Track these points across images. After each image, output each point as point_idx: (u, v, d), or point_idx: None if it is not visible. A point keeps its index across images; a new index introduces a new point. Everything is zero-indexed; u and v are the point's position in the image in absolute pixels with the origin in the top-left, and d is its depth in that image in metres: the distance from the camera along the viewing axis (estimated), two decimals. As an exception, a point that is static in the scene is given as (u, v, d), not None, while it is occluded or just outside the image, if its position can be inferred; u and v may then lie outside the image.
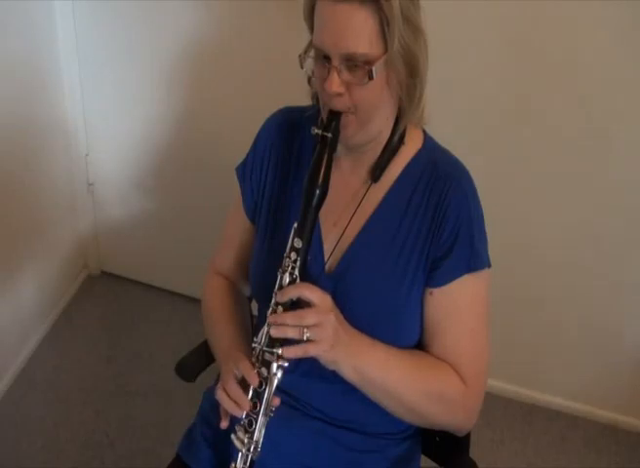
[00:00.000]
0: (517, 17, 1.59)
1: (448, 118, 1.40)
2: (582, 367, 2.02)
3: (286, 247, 0.95)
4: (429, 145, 1.07)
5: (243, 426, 0.95)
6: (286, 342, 0.91)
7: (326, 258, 1.06)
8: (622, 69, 1.59)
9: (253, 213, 1.16)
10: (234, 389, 0.94)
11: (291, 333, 0.90)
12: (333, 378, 0.97)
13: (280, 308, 0.93)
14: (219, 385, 0.98)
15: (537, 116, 1.71)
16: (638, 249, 1.81)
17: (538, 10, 1.56)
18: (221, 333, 1.15)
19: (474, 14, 1.60)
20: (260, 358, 0.95)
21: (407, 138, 1.03)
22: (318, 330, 0.90)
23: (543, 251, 1.90)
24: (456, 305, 1.02)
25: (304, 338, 0.90)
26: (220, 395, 0.96)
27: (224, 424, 0.97)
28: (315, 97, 1.05)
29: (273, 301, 0.94)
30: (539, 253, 1.90)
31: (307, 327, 0.90)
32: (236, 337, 1.12)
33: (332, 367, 0.95)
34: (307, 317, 0.90)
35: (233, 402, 0.94)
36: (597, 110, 1.66)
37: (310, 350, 0.91)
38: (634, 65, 1.57)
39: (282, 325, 0.91)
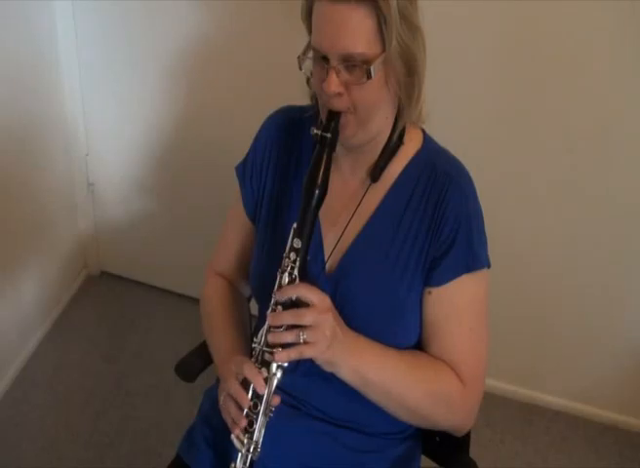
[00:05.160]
0: (517, 16, 1.59)
1: (448, 118, 1.40)
2: (582, 367, 2.02)
3: (286, 247, 0.95)
4: (429, 145, 1.07)
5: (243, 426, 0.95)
6: (285, 344, 0.91)
7: (326, 258, 1.06)
8: (623, 70, 1.59)
9: (253, 212, 1.16)
10: (237, 389, 0.94)
11: (288, 339, 0.90)
12: (333, 378, 0.97)
13: (280, 308, 0.93)
14: (223, 394, 0.98)
15: (537, 116, 1.71)
16: (638, 249, 1.81)
17: (537, 9, 1.56)
18: (221, 336, 1.15)
19: (474, 13, 1.60)
20: (259, 358, 0.94)
21: (406, 138, 1.03)
22: (315, 331, 0.90)
23: (544, 251, 1.90)
24: (454, 305, 1.02)
25: (301, 340, 0.90)
26: (227, 404, 0.96)
27: (237, 431, 0.95)
28: (314, 97, 1.05)
29: (273, 301, 0.94)
30: (539, 254, 1.90)
31: (305, 327, 0.90)
32: (235, 340, 1.12)
33: (329, 368, 0.95)
34: (306, 316, 0.90)
35: (239, 411, 0.94)
36: (598, 110, 1.66)
37: (306, 352, 0.90)
38: (635, 65, 1.57)
39: (279, 331, 0.91)
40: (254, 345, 0.96)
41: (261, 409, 0.93)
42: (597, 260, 1.86)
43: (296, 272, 0.93)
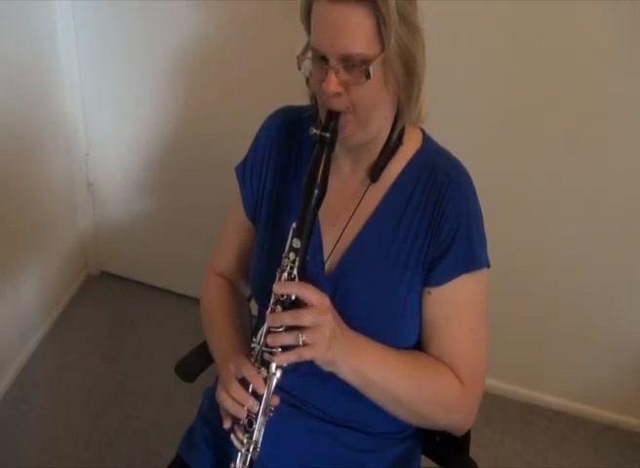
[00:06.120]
0: (517, 16, 1.59)
1: (448, 118, 1.40)
2: (582, 367, 2.02)
3: (285, 247, 0.95)
4: (428, 145, 1.07)
5: (242, 426, 0.95)
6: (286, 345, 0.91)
7: (325, 258, 1.06)
8: (623, 68, 1.59)
9: (253, 212, 1.16)
10: (238, 390, 0.94)
11: (287, 341, 0.90)
12: (333, 378, 0.97)
13: (279, 308, 0.93)
14: (219, 387, 0.98)
15: (537, 116, 1.71)
16: (638, 249, 1.81)
17: (538, 9, 1.56)
18: (221, 336, 1.15)
19: (474, 13, 1.60)
20: (259, 358, 0.94)
21: (406, 138, 1.03)
22: (314, 332, 0.90)
23: (544, 251, 1.90)
24: (454, 305, 1.02)
25: (300, 342, 0.90)
26: (223, 397, 0.96)
27: (228, 424, 0.97)
28: (313, 97, 1.05)
29: (272, 300, 0.94)
30: (539, 254, 1.90)
31: (304, 328, 0.90)
32: (235, 340, 1.12)
33: (329, 368, 0.95)
34: (305, 317, 0.90)
35: (236, 403, 0.94)
36: (597, 110, 1.66)
37: (305, 354, 0.90)
38: (634, 65, 1.57)
39: (278, 331, 0.91)
40: (253, 345, 0.95)
41: (261, 408, 0.93)
42: (597, 260, 1.86)
43: (295, 272, 0.93)
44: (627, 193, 1.74)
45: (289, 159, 1.11)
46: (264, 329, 0.94)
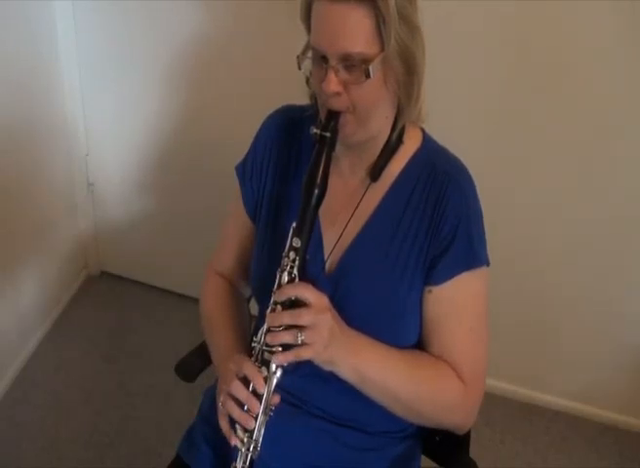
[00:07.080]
0: (517, 16, 1.59)
1: (448, 118, 1.40)
2: (582, 367, 2.02)
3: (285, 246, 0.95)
4: (428, 144, 1.07)
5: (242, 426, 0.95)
6: (284, 344, 0.91)
7: (325, 258, 1.06)
8: (622, 69, 1.59)
9: (253, 212, 1.16)
10: (240, 390, 0.94)
11: (286, 339, 0.90)
12: (333, 378, 0.97)
13: (279, 307, 0.93)
14: (219, 390, 0.98)
15: (537, 116, 1.71)
16: (638, 249, 1.81)
17: (538, 9, 1.56)
18: (220, 336, 1.15)
19: (474, 13, 1.60)
20: (259, 357, 0.94)
21: (406, 138, 1.03)
22: (313, 331, 0.90)
23: (544, 251, 1.90)
24: (455, 304, 1.03)
25: (299, 341, 0.90)
26: (225, 400, 0.96)
27: (225, 424, 0.97)
28: (313, 97, 1.05)
29: (272, 300, 0.94)
30: (539, 254, 1.90)
31: (303, 327, 0.90)
32: (234, 340, 1.12)
33: (328, 367, 0.95)
34: (303, 316, 0.90)
35: (241, 410, 0.94)
36: (597, 110, 1.66)
37: (303, 353, 0.90)
38: (634, 65, 1.57)
39: (277, 331, 0.91)
40: (253, 344, 0.96)
41: (261, 408, 0.93)
42: (597, 260, 1.86)
43: (295, 271, 0.93)
44: (628, 193, 1.74)
45: (289, 159, 1.11)
46: (264, 328, 0.94)
